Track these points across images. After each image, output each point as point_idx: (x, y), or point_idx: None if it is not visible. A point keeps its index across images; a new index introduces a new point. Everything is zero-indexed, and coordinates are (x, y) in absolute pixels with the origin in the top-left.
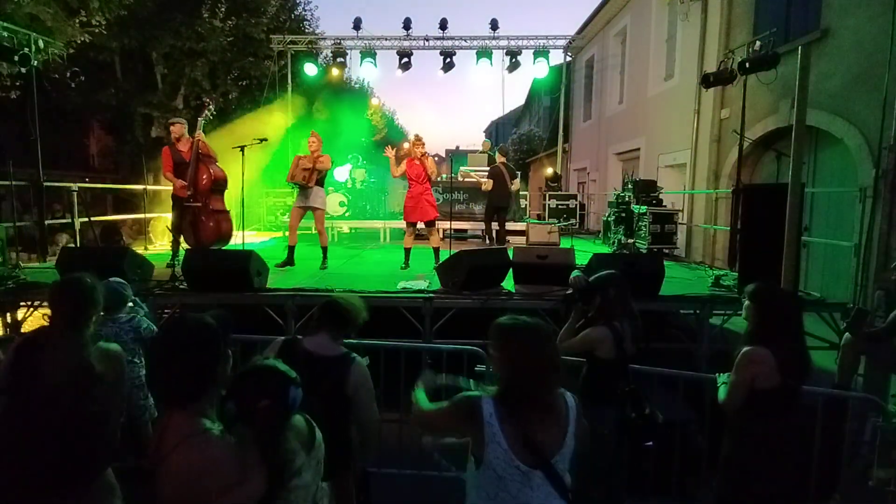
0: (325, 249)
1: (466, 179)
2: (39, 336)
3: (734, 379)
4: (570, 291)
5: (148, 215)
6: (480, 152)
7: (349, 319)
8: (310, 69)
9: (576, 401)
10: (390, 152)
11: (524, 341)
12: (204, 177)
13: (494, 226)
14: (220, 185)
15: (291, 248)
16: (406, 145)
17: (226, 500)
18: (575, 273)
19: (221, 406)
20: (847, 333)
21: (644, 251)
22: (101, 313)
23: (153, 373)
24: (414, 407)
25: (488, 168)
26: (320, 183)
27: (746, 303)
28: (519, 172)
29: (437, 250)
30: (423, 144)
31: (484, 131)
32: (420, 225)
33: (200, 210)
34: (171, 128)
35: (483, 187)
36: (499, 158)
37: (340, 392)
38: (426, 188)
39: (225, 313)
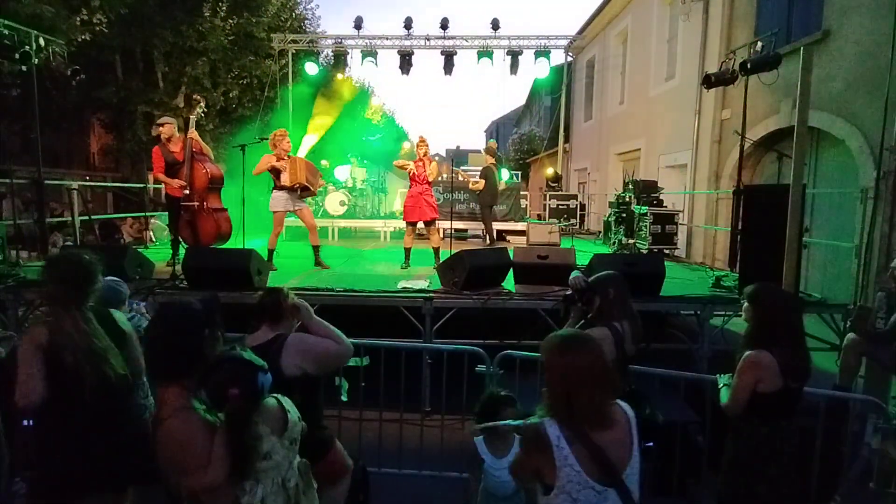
0: (317, 248)
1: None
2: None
3: (736, 382)
4: (569, 292)
5: (148, 214)
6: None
7: (282, 307)
8: (311, 68)
9: (633, 410)
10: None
11: (576, 354)
12: (200, 175)
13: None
14: (216, 183)
15: (272, 253)
16: (407, 145)
17: (192, 480)
18: (574, 273)
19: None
20: (850, 334)
21: (644, 252)
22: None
23: (147, 351)
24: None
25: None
26: None
27: (746, 304)
28: (517, 172)
29: (437, 250)
30: (427, 145)
31: (485, 131)
32: (420, 225)
33: (199, 209)
34: (161, 128)
35: (472, 186)
36: (488, 160)
37: (278, 374)
38: (426, 188)
39: (213, 296)
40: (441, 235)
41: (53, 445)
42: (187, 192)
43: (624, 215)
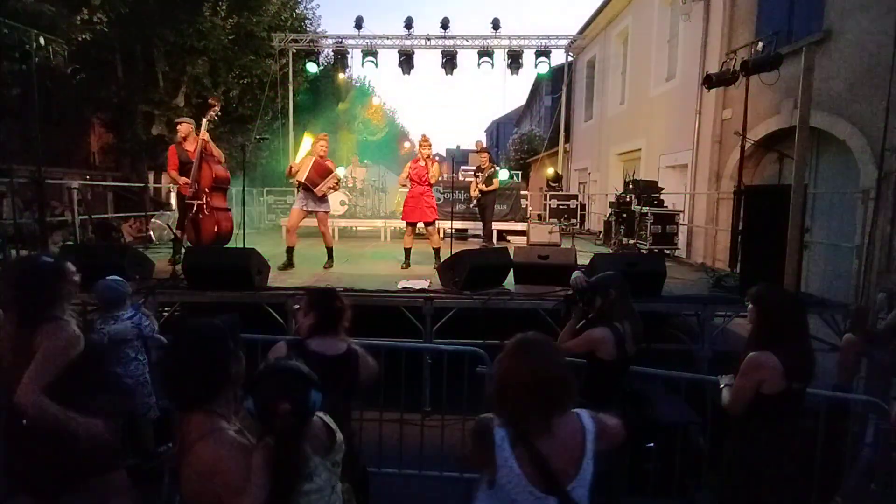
0: (330, 250)
1: (467, 179)
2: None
3: (739, 383)
4: (570, 292)
5: (148, 213)
6: (476, 152)
7: (346, 317)
8: (311, 68)
9: (595, 422)
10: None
11: (516, 357)
12: (205, 174)
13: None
14: (221, 182)
15: (291, 250)
16: (406, 144)
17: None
18: (575, 274)
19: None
20: (847, 334)
21: (645, 252)
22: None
23: (167, 379)
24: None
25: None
26: None
27: (750, 306)
28: (517, 172)
29: (437, 251)
30: (430, 146)
31: (485, 131)
32: (420, 225)
33: (201, 207)
34: (179, 127)
35: (489, 188)
36: (486, 158)
37: (356, 386)
38: (426, 190)
39: (233, 315)
40: (441, 235)
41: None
42: (192, 190)
43: (624, 215)
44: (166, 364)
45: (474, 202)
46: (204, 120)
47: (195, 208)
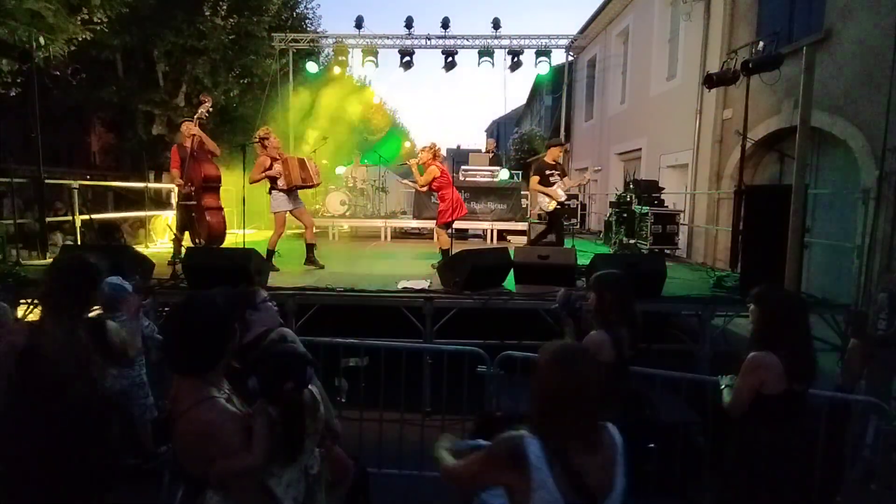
0: (312, 246)
1: (467, 179)
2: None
3: (740, 384)
4: (554, 306)
5: (149, 213)
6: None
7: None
8: (311, 68)
9: (621, 434)
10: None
11: (561, 368)
12: (196, 174)
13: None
14: (210, 181)
15: (271, 253)
16: (406, 144)
17: (227, 465)
18: (562, 291)
19: (236, 377)
20: (853, 339)
21: (645, 252)
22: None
23: (168, 344)
24: (441, 465)
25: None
26: None
27: (752, 306)
28: (517, 172)
29: (444, 252)
30: (423, 150)
31: (485, 130)
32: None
33: (194, 207)
34: (181, 127)
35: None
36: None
37: None
38: (438, 194)
39: (235, 292)
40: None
41: (15, 451)
42: (186, 189)
43: (625, 215)
44: (169, 329)
45: (551, 210)
46: (195, 116)
47: (189, 208)
